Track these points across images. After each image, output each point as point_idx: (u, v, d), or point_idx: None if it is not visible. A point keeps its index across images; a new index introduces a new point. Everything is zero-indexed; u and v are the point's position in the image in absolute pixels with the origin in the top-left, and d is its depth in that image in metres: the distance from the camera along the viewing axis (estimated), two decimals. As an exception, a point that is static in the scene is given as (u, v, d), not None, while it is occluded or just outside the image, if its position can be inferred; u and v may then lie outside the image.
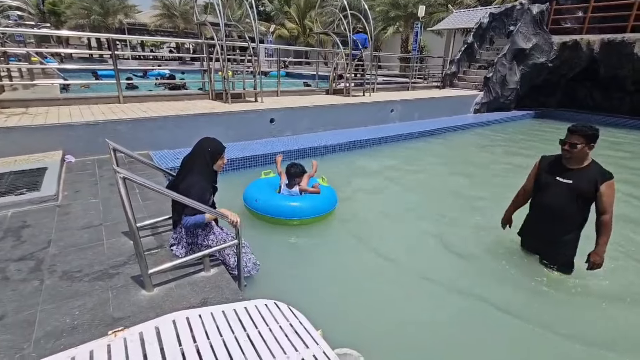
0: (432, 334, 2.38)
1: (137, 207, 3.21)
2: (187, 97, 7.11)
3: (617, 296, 2.79)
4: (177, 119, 5.33)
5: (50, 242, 2.57)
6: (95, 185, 3.70)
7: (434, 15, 21.29)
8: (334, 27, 10.22)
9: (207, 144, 2.42)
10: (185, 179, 2.29)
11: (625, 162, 6.72)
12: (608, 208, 2.61)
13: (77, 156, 4.51)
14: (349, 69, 8.88)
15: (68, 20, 28.35)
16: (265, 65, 17.28)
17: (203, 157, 2.36)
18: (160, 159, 4.79)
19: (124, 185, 1.83)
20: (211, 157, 2.39)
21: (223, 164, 2.47)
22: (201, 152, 2.38)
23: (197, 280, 2.22)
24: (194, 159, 2.37)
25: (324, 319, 2.21)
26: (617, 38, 9.92)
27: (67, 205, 3.21)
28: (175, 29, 30.23)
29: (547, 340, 2.35)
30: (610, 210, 2.62)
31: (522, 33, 10.91)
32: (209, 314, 1.66)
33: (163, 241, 2.65)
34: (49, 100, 5.72)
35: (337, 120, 7.45)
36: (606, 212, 2.61)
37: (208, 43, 6.99)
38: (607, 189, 2.58)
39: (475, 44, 12.59)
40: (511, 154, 7.12)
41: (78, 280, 2.16)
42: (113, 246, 2.56)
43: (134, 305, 1.96)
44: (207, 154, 2.37)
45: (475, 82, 11.69)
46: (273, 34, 27.64)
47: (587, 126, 2.61)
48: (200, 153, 2.37)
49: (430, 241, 3.58)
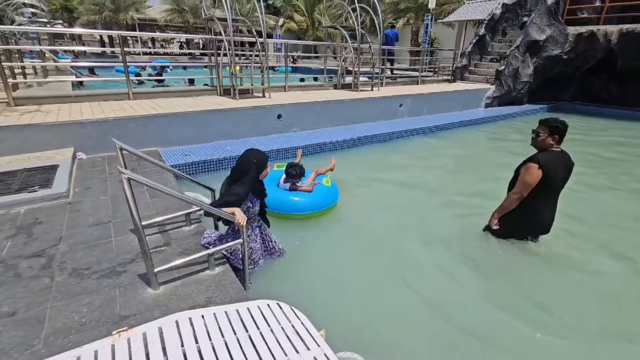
0: (437, 336, 2.36)
1: (145, 204, 3.26)
2: (195, 93, 7.14)
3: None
4: (186, 115, 5.37)
5: (61, 239, 2.63)
6: (105, 182, 3.76)
7: (445, 6, 20.87)
8: (343, 21, 10.11)
9: (253, 156, 2.50)
10: (232, 189, 2.41)
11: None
12: (517, 186, 2.97)
13: (88, 153, 4.59)
14: (357, 63, 8.79)
15: (80, 16, 28.71)
16: (274, 60, 17.24)
17: (249, 169, 2.45)
18: (168, 156, 4.84)
19: (129, 185, 1.86)
20: (257, 168, 2.48)
21: (267, 173, 2.60)
22: (247, 164, 2.46)
23: (202, 278, 2.24)
24: (241, 170, 2.47)
25: (327, 319, 2.23)
26: (637, 28, 9.55)
27: (78, 202, 3.28)
28: (185, 24, 30.34)
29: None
30: (518, 189, 2.96)
31: (536, 24, 10.60)
32: (212, 315, 1.68)
33: (170, 239, 2.69)
34: (61, 97, 5.82)
35: (345, 115, 7.40)
36: (515, 189, 2.98)
37: (216, 39, 6.99)
38: (523, 169, 2.93)
39: (487, 36, 12.29)
40: (523, 149, 6.96)
41: (87, 277, 2.21)
42: (121, 243, 2.61)
43: (140, 303, 1.99)
44: (253, 165, 2.46)
45: (487, 76, 11.45)
46: (282, 28, 27.50)
47: (553, 119, 2.88)
48: (247, 165, 2.46)
49: (436, 239, 3.54)
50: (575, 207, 4.08)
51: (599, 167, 5.99)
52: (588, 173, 5.48)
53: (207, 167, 4.85)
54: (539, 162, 2.83)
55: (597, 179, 5.39)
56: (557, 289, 2.86)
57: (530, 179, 2.85)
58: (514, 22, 12.23)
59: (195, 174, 4.69)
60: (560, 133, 2.86)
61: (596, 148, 7.23)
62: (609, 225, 3.93)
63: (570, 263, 3.18)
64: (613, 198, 4.78)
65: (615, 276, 3.05)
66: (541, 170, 2.82)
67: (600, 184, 5.25)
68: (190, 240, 2.68)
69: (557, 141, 2.88)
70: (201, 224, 2.93)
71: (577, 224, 3.82)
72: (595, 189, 5.01)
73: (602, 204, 4.54)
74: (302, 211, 3.66)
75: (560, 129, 2.84)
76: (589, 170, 5.60)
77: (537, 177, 2.83)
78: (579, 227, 3.76)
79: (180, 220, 2.92)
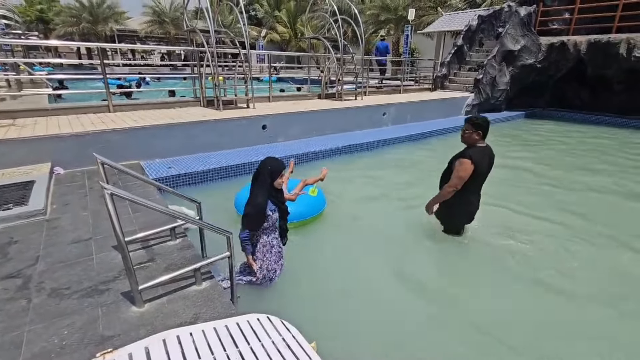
0: (432, 346, 2.37)
1: (128, 219, 3.17)
2: (178, 104, 7.07)
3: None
4: (169, 127, 5.30)
5: (39, 258, 2.52)
6: (84, 198, 3.65)
7: (423, 18, 21.49)
8: (325, 32, 10.26)
9: (269, 162, 2.55)
10: (250, 199, 2.52)
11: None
12: (451, 179, 3.26)
13: (67, 168, 4.45)
14: (340, 73, 8.91)
15: (57, 28, 28.12)
16: (257, 70, 17.28)
17: (264, 175, 2.53)
18: (152, 169, 4.75)
19: (112, 200, 1.81)
20: (270, 175, 2.53)
21: (282, 182, 2.64)
22: (264, 170, 2.53)
23: (189, 294, 2.19)
24: (257, 177, 2.55)
25: (318, 330, 2.20)
26: (603, 39, 10.08)
27: (56, 219, 3.16)
28: (166, 35, 30.12)
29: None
30: (451, 182, 3.25)
31: (510, 35, 11.04)
32: (200, 332, 1.64)
33: (154, 254, 2.62)
34: (37, 110, 5.65)
35: (330, 125, 7.46)
36: (450, 182, 3.26)
37: (198, 50, 6.97)
38: (457, 164, 3.24)
39: (465, 46, 12.71)
40: (501, 155, 7.19)
41: (67, 297, 2.12)
42: (103, 261, 2.52)
43: (124, 322, 1.92)
44: (267, 172, 2.52)
45: (466, 84, 11.79)
46: (264, 39, 27.66)
47: (476, 117, 3.28)
48: (263, 171, 2.53)
49: (423, 246, 3.58)
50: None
51: (558, 166, 6.50)
52: (551, 174, 5.93)
53: (192, 180, 4.78)
54: (471, 157, 3.16)
55: (560, 177, 5.82)
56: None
57: (465, 173, 3.18)
58: (490, 33, 12.69)
59: (180, 187, 4.61)
60: (483, 129, 3.21)
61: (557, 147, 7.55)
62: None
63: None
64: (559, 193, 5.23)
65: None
66: (473, 164, 3.15)
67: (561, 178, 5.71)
68: (175, 255, 2.61)
69: (482, 136, 3.23)
70: (187, 238, 2.87)
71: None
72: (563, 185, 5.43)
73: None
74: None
75: (483, 125, 3.21)
76: (549, 172, 6.05)
77: (470, 171, 3.17)
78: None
79: (165, 234, 2.85)
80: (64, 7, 28.89)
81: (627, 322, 2.58)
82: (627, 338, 2.43)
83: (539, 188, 5.30)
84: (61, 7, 29.31)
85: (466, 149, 3.27)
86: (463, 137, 3.31)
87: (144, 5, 29.73)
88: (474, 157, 3.15)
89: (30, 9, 30.41)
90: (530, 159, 6.91)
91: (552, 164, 6.62)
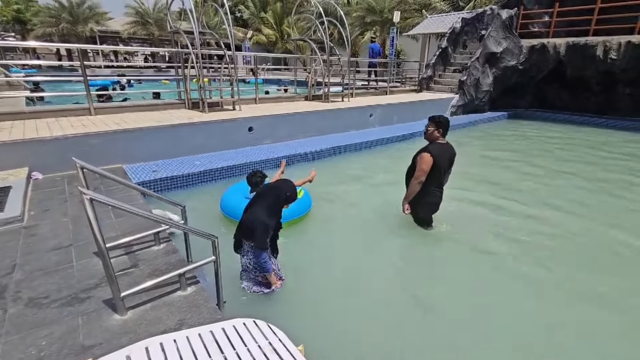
0: (420, 347, 2.38)
1: (110, 224, 3.09)
2: (163, 107, 6.95)
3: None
4: (152, 130, 5.20)
5: (15, 267, 2.43)
6: (64, 203, 3.54)
7: (408, 20, 21.74)
8: (311, 33, 10.27)
9: (287, 189, 2.59)
10: (256, 212, 2.52)
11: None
12: (415, 173, 3.54)
13: (46, 173, 4.32)
14: (327, 75, 8.93)
15: (35, 28, 27.34)
16: (243, 72, 17.16)
17: (278, 198, 2.56)
18: (135, 173, 4.65)
19: (92, 206, 1.76)
20: (286, 201, 2.59)
21: (288, 205, 2.70)
22: (279, 193, 2.57)
23: (174, 300, 2.14)
24: (269, 195, 2.58)
25: (306, 333, 2.19)
26: (580, 41, 10.39)
27: (34, 226, 3.05)
28: (149, 36, 29.65)
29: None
30: (415, 175, 3.53)
31: (493, 37, 11.27)
32: (185, 338, 1.61)
33: (137, 260, 2.56)
34: (14, 114, 5.46)
35: (317, 126, 7.46)
36: (415, 175, 3.54)
37: (183, 52, 6.87)
38: (418, 158, 3.54)
39: (449, 48, 12.92)
40: (487, 151, 7.35)
41: (45, 307, 2.05)
42: (84, 268, 2.45)
43: (105, 331, 1.87)
44: (284, 198, 2.56)
45: (451, 85, 11.98)
46: (250, 40, 27.52)
47: (438, 116, 3.59)
48: (277, 194, 2.57)
49: (406, 247, 3.61)
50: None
51: (536, 162, 6.75)
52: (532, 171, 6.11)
53: (177, 183, 4.70)
54: (430, 151, 3.48)
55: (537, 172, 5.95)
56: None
57: (425, 166, 3.47)
58: (473, 35, 12.94)
59: (164, 191, 4.53)
60: (444, 127, 3.54)
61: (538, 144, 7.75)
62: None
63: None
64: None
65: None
66: (432, 157, 3.45)
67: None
68: (159, 261, 2.56)
69: (442, 134, 3.56)
70: (171, 243, 2.82)
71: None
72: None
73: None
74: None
75: (443, 123, 3.54)
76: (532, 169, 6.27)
77: (430, 163, 3.46)
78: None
79: (149, 239, 2.79)
80: (43, 7, 28.13)
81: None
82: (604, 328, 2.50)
83: (516, 183, 5.55)
84: (39, 7, 28.53)
85: (427, 145, 3.59)
86: (426, 134, 3.63)
87: (126, 5, 29.21)
88: (433, 152, 3.47)
89: (6, 9, 29.47)
90: (508, 156, 7.07)
91: (530, 160, 6.91)
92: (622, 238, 3.77)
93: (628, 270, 3.27)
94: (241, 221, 2.61)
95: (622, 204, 4.76)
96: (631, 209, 4.59)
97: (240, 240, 2.67)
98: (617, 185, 5.49)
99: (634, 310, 2.70)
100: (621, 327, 2.54)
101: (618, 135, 9.49)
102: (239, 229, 2.64)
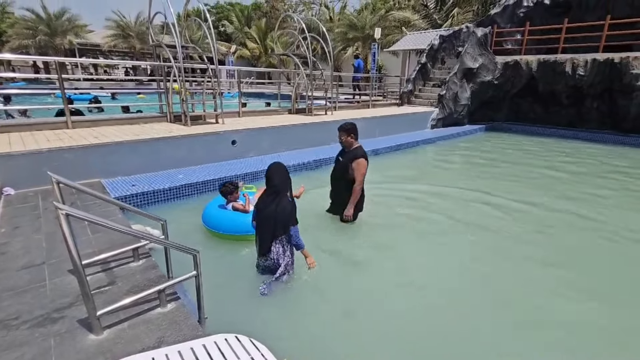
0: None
1: (87, 240, 3.00)
2: (143, 120, 6.86)
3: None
4: (132, 144, 5.11)
5: (-17, 287, 2.31)
6: (37, 220, 3.41)
7: (389, 37, 22.42)
8: (295, 48, 10.42)
9: (286, 173, 2.92)
10: (281, 202, 2.79)
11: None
12: (357, 179, 3.78)
13: (18, 188, 4.16)
14: (310, 89, 9.04)
15: (10, 40, 26.65)
16: (227, 86, 17.16)
17: (289, 181, 2.90)
18: (113, 188, 4.53)
19: (67, 221, 1.71)
20: (290, 183, 2.93)
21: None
22: (288, 179, 2.89)
23: (153, 317, 2.08)
24: (282, 184, 2.85)
25: (289, 346, 2.16)
26: (550, 58, 10.97)
27: (4, 243, 2.92)
28: (131, 50, 29.36)
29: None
30: (358, 181, 3.78)
31: (469, 54, 11.75)
32: (164, 356, 1.56)
33: (115, 277, 2.48)
34: (-14, 127, 5.28)
35: (300, 139, 7.50)
36: (355, 182, 3.78)
37: (165, 65, 6.84)
38: (355, 165, 3.76)
39: (429, 64, 13.35)
40: (467, 162, 7.55)
41: (15, 328, 1.95)
42: (57, 287, 2.35)
43: (79, 352, 1.79)
44: (289, 182, 2.90)
45: (431, 99, 12.33)
46: (234, 54, 27.66)
47: (345, 124, 3.89)
48: (286, 180, 2.88)
49: (390, 254, 3.64)
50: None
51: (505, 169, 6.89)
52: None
53: (158, 198, 4.61)
54: (363, 156, 3.78)
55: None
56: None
57: (365, 170, 3.80)
58: (451, 52, 13.44)
59: (144, 206, 4.43)
60: (354, 131, 3.86)
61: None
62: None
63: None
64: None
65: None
66: (366, 160, 3.78)
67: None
68: (138, 277, 2.49)
69: (355, 137, 3.87)
70: (151, 259, 2.75)
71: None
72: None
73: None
74: (236, 232, 3.58)
75: (352, 128, 3.86)
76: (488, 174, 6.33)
77: (366, 166, 3.79)
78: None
79: (127, 255, 2.71)
80: (19, 19, 27.51)
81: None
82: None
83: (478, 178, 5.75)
84: (15, 19, 27.88)
85: (354, 150, 3.85)
86: (343, 143, 3.92)
87: (107, 18, 28.95)
88: (365, 156, 3.80)
89: (-20, 21, 28.71)
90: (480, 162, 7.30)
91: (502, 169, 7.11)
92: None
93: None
94: (262, 218, 2.84)
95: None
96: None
97: (266, 240, 2.86)
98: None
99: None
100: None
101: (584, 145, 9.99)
102: (261, 226, 2.86)
